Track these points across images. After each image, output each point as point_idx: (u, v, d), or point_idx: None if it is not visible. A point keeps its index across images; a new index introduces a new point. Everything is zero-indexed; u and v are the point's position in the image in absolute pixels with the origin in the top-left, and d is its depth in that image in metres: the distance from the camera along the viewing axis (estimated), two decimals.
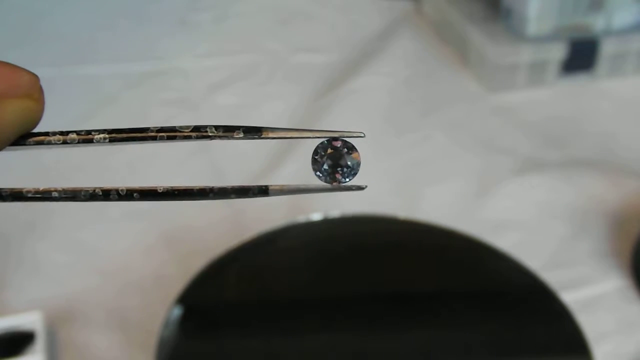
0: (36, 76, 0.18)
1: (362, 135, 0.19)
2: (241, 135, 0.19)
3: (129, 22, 0.86)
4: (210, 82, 0.75)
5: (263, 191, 0.19)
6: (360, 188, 0.19)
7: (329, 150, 0.19)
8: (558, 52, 0.71)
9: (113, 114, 0.71)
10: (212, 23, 0.86)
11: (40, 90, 0.18)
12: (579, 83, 0.74)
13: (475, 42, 0.74)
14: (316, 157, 0.19)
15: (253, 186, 0.19)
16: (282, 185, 0.19)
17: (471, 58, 0.76)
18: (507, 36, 0.72)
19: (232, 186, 0.19)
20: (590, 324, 0.39)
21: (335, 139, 0.19)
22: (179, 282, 0.42)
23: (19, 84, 0.18)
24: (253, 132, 0.19)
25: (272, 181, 0.60)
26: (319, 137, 0.19)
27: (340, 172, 0.19)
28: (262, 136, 0.19)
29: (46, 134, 0.19)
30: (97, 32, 0.84)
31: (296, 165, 0.61)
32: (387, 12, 0.87)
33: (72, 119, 0.68)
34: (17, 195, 0.19)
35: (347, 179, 0.19)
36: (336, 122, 0.68)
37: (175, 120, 0.71)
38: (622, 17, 0.72)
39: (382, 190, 0.59)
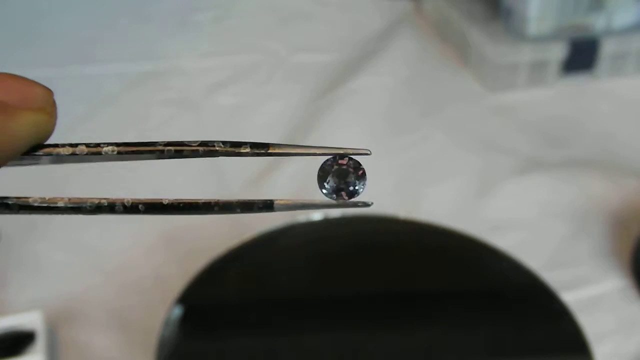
0: (50, 90, 0.18)
1: (369, 152, 0.19)
2: (248, 150, 0.19)
3: (129, 22, 0.86)
4: (211, 82, 0.75)
5: (268, 206, 0.19)
6: (366, 205, 0.19)
7: (335, 168, 0.19)
8: (558, 52, 0.71)
9: (113, 114, 0.71)
10: (213, 23, 0.86)
11: (53, 105, 0.18)
12: (579, 83, 0.74)
13: (475, 41, 0.74)
14: (322, 174, 0.19)
15: (258, 201, 0.19)
16: (288, 200, 0.19)
17: (471, 58, 0.76)
18: (507, 36, 0.72)
19: (238, 200, 0.19)
20: (590, 324, 0.39)
21: (342, 156, 0.19)
22: (179, 281, 0.42)
23: (32, 97, 0.18)
24: (259, 147, 0.19)
25: (273, 181, 0.60)
26: (325, 154, 0.19)
27: (346, 190, 0.19)
28: (269, 152, 0.19)
29: (55, 145, 0.19)
30: (98, 31, 0.84)
31: (297, 165, 0.61)
32: (388, 12, 0.87)
33: (72, 119, 0.68)
34: (23, 206, 0.19)
35: (353, 197, 0.19)
36: (336, 122, 0.68)
37: (175, 120, 0.71)
38: (622, 17, 0.72)
39: (382, 190, 0.59)
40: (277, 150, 0.19)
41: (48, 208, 0.19)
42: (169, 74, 0.77)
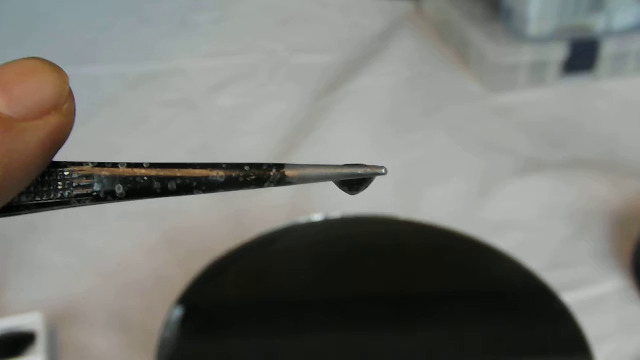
0: (63, 76, 0.16)
1: (384, 172, 0.19)
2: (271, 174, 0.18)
3: (129, 23, 0.86)
4: (211, 83, 0.75)
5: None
6: (380, 172, 0.19)
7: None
8: (559, 52, 0.71)
9: (113, 115, 0.71)
10: (213, 23, 0.86)
11: (69, 97, 0.16)
12: (579, 83, 0.74)
13: (476, 42, 0.74)
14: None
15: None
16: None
17: (472, 58, 0.76)
18: (507, 36, 0.72)
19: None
20: (591, 325, 0.39)
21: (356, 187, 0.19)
22: (179, 282, 0.42)
23: (42, 97, 0.15)
24: (277, 168, 0.18)
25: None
26: (341, 173, 0.19)
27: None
28: (285, 174, 0.18)
29: (79, 164, 0.17)
30: (97, 32, 0.84)
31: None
32: (388, 13, 0.87)
33: None
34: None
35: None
36: (337, 122, 0.68)
37: (175, 121, 0.71)
38: (622, 18, 0.72)
39: (383, 191, 0.59)
40: (294, 173, 0.18)
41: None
42: (169, 74, 0.77)
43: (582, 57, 0.72)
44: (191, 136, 0.69)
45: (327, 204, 0.56)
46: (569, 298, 0.41)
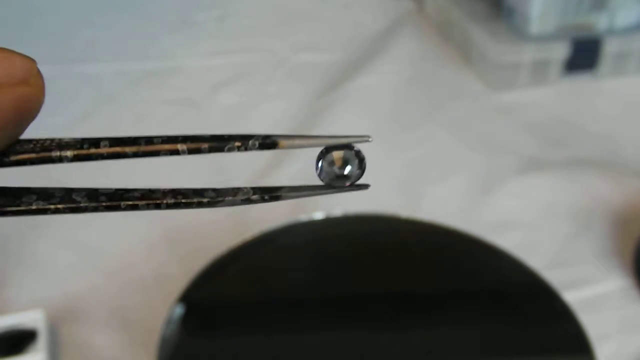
0: (31, 60, 0.17)
1: (369, 139, 0.19)
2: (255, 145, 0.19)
3: (131, 20, 0.86)
4: (213, 81, 0.75)
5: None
6: (364, 187, 0.19)
7: (332, 157, 0.19)
8: (561, 51, 0.71)
9: (114, 113, 0.71)
10: (215, 22, 0.86)
11: (38, 75, 0.17)
12: (581, 82, 0.74)
13: (477, 41, 0.74)
14: (319, 162, 0.19)
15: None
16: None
17: (474, 57, 0.76)
18: (509, 35, 0.72)
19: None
20: (593, 324, 0.39)
21: (340, 146, 0.19)
22: (180, 280, 0.42)
23: (10, 71, 0.17)
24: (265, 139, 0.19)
25: (275, 178, 0.60)
26: (325, 143, 0.19)
27: (344, 176, 0.19)
28: (268, 142, 0.19)
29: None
30: (98, 30, 0.84)
31: (300, 164, 0.61)
32: (390, 11, 0.87)
33: (73, 118, 0.68)
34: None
35: (350, 182, 0.19)
36: (339, 121, 0.68)
37: (177, 119, 0.71)
38: (625, 17, 0.72)
39: (384, 189, 0.59)
40: (285, 142, 0.19)
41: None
42: (171, 73, 0.77)
43: (584, 55, 0.72)
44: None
45: (328, 202, 0.56)
46: (570, 297, 0.41)
